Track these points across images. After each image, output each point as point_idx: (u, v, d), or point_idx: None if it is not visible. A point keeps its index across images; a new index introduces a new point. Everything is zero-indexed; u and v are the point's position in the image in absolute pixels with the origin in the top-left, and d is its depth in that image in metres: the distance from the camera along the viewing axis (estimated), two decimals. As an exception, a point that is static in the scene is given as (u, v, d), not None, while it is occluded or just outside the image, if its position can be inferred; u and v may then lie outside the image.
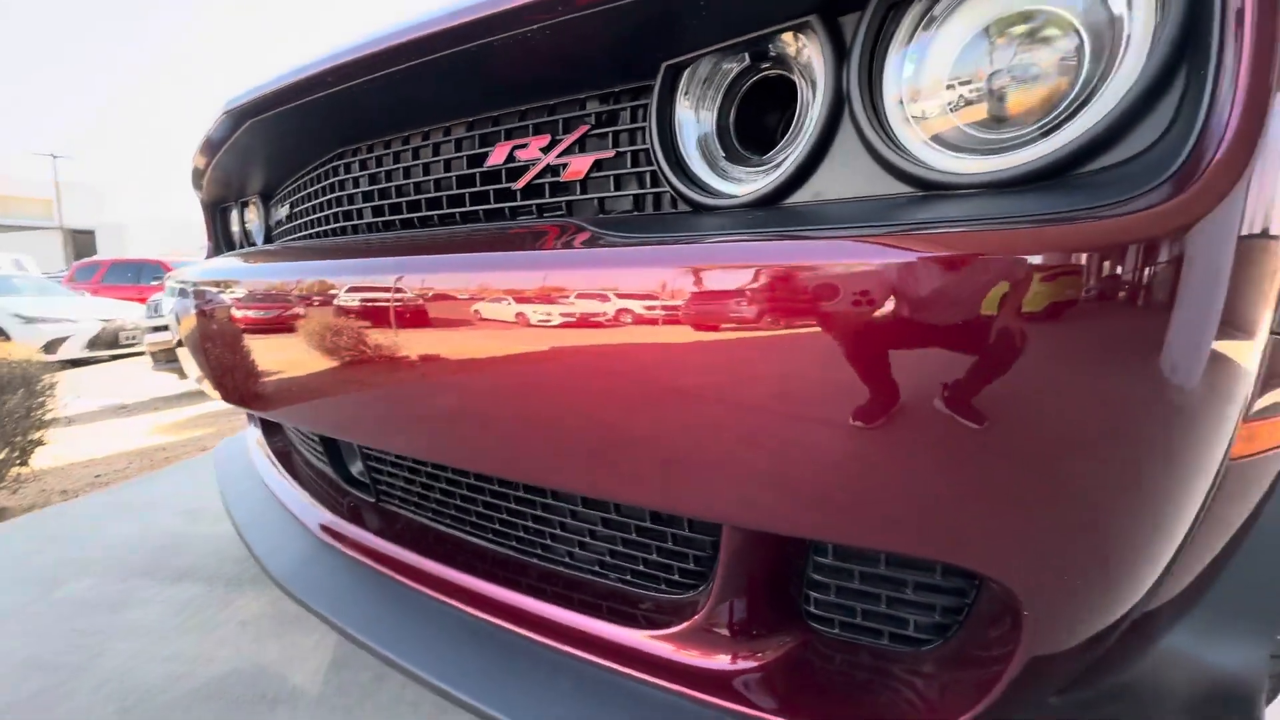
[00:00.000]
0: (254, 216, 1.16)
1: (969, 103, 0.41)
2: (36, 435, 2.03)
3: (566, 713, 0.55)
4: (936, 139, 0.42)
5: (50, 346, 6.75)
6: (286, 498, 1.01)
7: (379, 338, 0.56)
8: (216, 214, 1.29)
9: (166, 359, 4.49)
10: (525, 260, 0.49)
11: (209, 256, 1.30)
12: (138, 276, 9.96)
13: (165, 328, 4.48)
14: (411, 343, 0.54)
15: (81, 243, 28.94)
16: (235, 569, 1.23)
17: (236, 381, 0.83)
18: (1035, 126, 0.38)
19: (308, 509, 0.95)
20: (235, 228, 1.24)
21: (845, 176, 0.45)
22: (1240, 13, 0.30)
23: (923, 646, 0.52)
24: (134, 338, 7.28)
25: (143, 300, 9.06)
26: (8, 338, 6.65)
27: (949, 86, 0.41)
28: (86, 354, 7.12)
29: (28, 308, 7.05)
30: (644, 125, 0.55)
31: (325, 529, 0.89)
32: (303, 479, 1.03)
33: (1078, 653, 0.45)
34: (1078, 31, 0.37)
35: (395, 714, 0.82)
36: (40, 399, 1.99)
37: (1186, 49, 0.33)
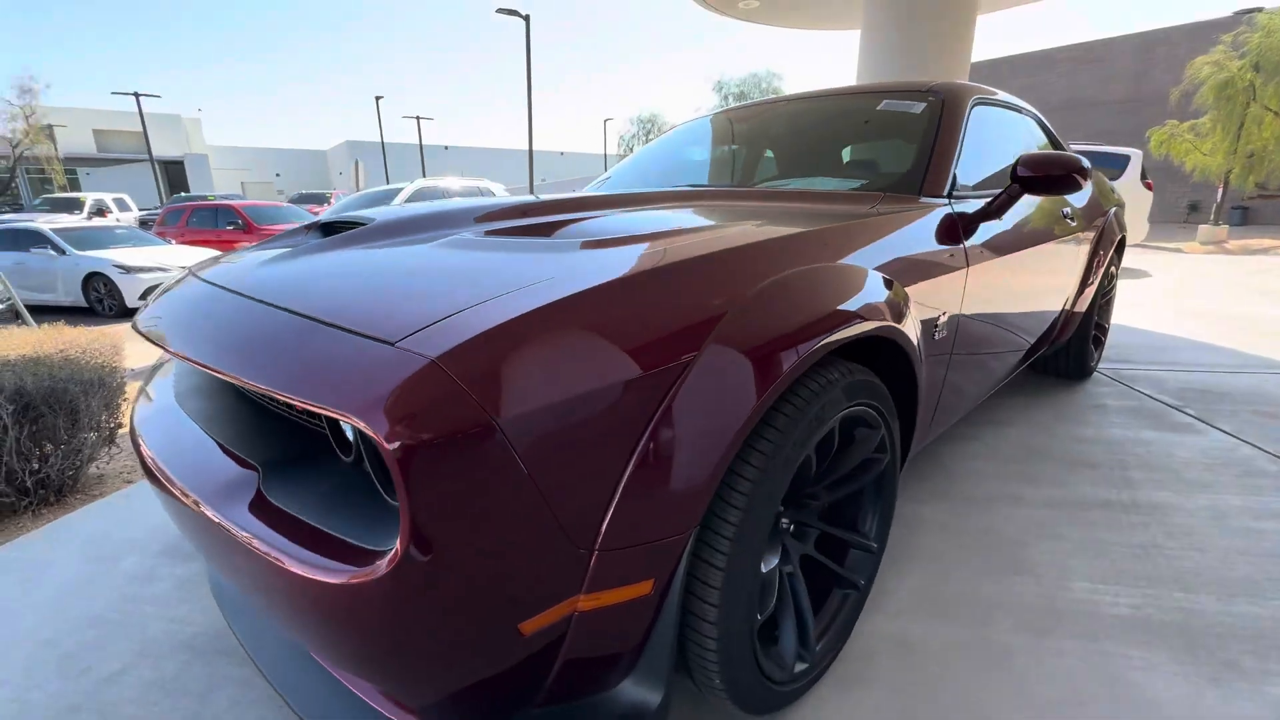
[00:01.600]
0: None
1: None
2: (116, 424, 2.73)
3: (323, 691, 1.07)
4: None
5: (148, 294, 7.86)
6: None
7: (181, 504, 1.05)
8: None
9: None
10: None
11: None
12: (215, 221, 10.88)
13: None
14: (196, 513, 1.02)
15: (174, 173, 31.28)
16: (222, 554, 1.84)
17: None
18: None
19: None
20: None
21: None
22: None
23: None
24: (214, 284, 8.24)
25: (222, 245, 10.05)
26: (113, 284, 7.79)
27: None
28: (178, 298, 8.11)
29: (128, 258, 8.06)
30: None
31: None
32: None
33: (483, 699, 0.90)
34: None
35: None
36: (118, 397, 2.67)
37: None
